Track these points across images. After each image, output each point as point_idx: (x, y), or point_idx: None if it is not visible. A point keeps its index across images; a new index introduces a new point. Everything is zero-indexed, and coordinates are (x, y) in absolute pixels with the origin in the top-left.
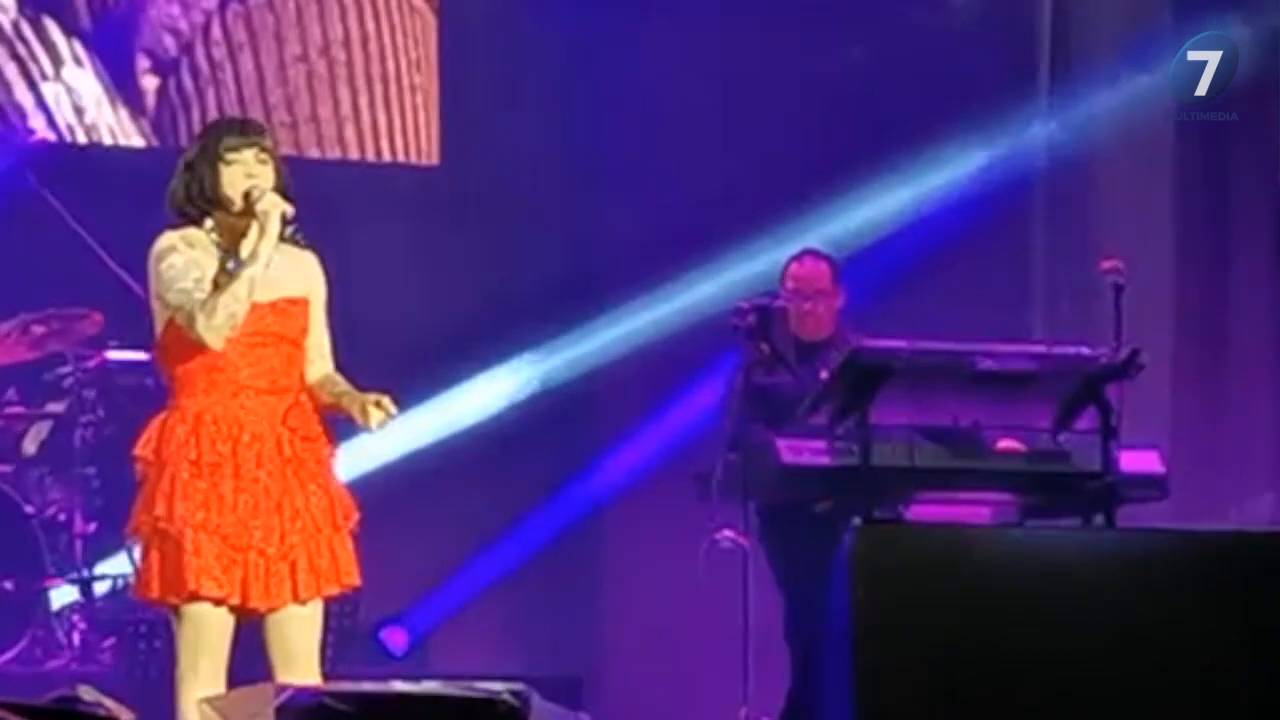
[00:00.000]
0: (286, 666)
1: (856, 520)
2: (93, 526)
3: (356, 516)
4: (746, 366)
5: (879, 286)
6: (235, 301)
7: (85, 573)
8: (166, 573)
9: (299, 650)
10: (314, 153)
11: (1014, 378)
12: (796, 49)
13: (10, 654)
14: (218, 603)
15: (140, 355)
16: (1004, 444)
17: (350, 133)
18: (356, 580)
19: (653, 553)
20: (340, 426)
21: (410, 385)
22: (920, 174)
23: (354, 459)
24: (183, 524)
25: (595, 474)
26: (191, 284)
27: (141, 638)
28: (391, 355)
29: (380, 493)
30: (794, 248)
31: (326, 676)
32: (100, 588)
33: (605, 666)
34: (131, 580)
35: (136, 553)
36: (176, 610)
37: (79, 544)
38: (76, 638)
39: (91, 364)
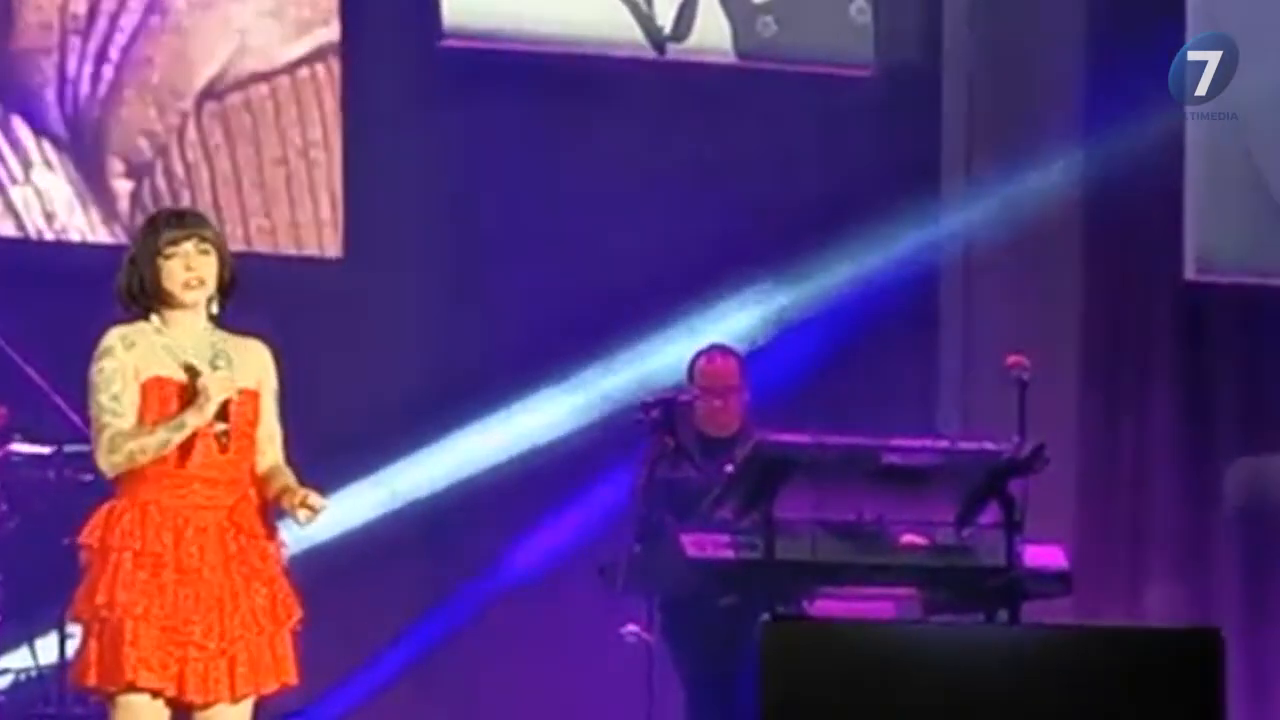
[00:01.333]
0: None
1: (764, 616)
2: None
3: (299, 615)
4: (651, 460)
5: (786, 380)
6: (141, 453)
7: None
8: (104, 661)
9: None
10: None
11: (918, 472)
12: (700, 141)
13: None
14: (154, 694)
15: (44, 449)
16: (908, 538)
17: (329, 235)
18: (294, 678)
19: (557, 647)
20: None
21: (327, 472)
22: (826, 266)
23: None
24: (123, 613)
25: (498, 568)
26: (107, 400)
27: None
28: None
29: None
30: (699, 341)
31: None
32: (2, 682)
33: None
34: (69, 666)
35: (39, 645)
36: (112, 699)
37: None
38: None
39: None
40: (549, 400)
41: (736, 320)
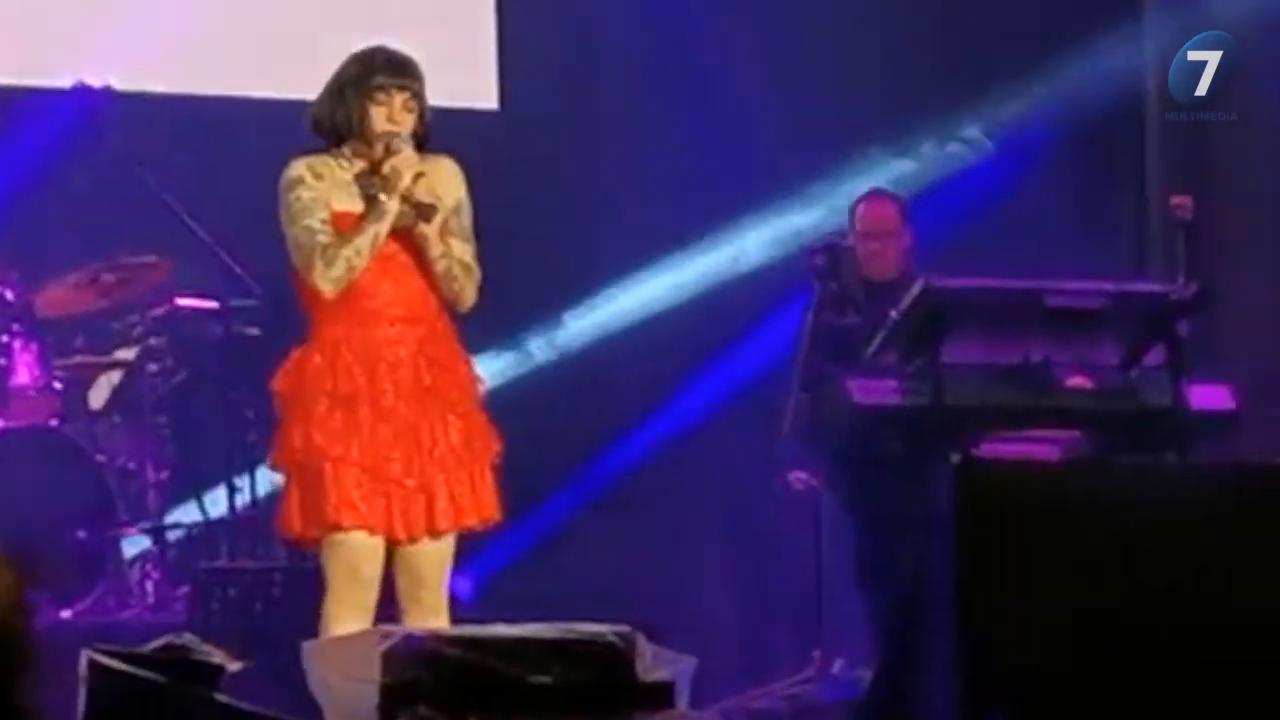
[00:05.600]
0: (414, 599)
1: (955, 458)
2: (164, 475)
3: (498, 448)
4: (816, 307)
5: (960, 222)
6: (356, 256)
7: (157, 521)
8: (308, 506)
9: (428, 582)
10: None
11: (1084, 315)
12: None
13: (84, 604)
14: (362, 531)
15: (209, 304)
16: (1074, 381)
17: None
18: (497, 514)
19: (723, 495)
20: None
21: (477, 328)
22: (1004, 96)
23: None
24: (322, 457)
25: (663, 416)
26: (317, 223)
27: (216, 586)
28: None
29: None
30: (866, 184)
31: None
32: (173, 536)
33: (677, 611)
34: (276, 515)
35: (207, 499)
36: (321, 541)
37: (151, 493)
38: (150, 587)
39: (160, 312)
40: (716, 245)
41: (912, 159)
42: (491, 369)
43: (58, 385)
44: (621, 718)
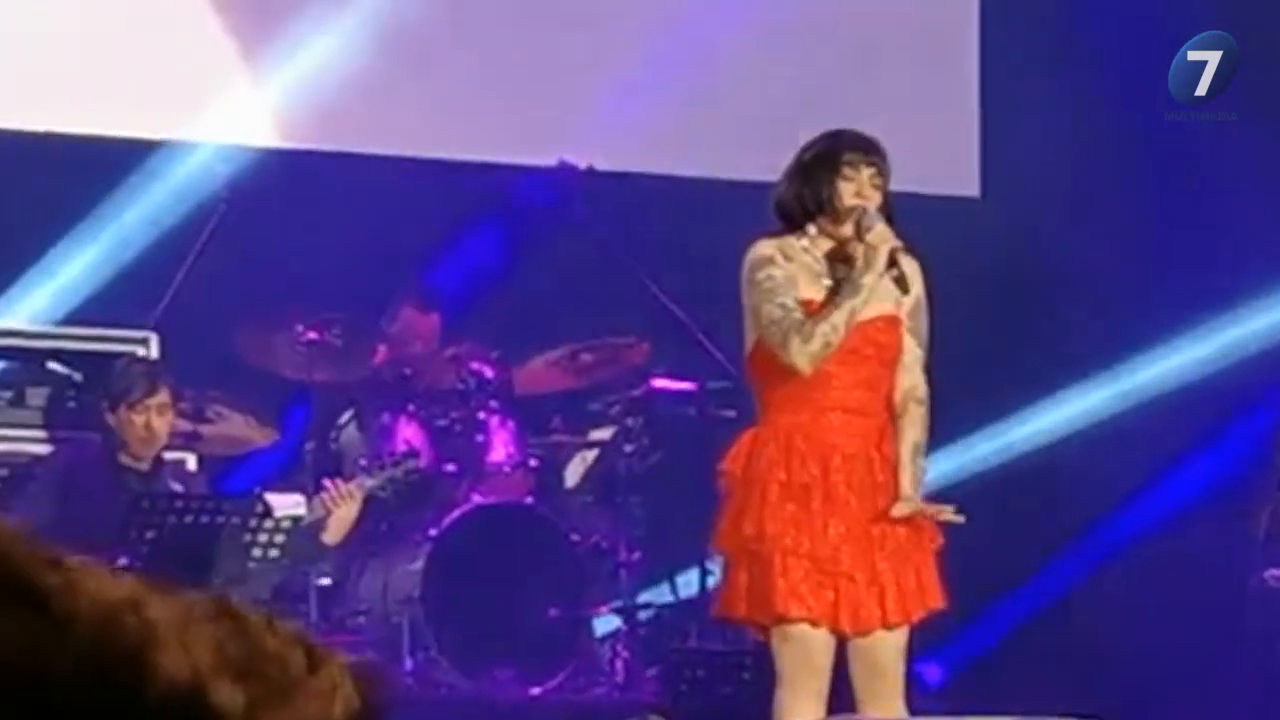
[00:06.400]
0: (871, 689)
1: None
2: (636, 555)
3: (939, 540)
4: None
5: None
6: (833, 331)
7: (629, 601)
8: (754, 593)
9: (885, 673)
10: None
11: None
12: None
13: (554, 681)
14: (812, 623)
15: (686, 385)
16: None
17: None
18: (941, 603)
19: (1195, 591)
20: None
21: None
22: None
23: None
24: (772, 545)
25: (1134, 511)
26: (791, 302)
27: (686, 667)
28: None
29: None
30: None
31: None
32: (644, 616)
33: (1144, 706)
34: (714, 596)
35: (680, 580)
36: (769, 630)
37: (623, 572)
38: (620, 666)
39: (637, 393)
40: (1179, 345)
41: None
42: (963, 459)
43: (533, 463)
44: None
